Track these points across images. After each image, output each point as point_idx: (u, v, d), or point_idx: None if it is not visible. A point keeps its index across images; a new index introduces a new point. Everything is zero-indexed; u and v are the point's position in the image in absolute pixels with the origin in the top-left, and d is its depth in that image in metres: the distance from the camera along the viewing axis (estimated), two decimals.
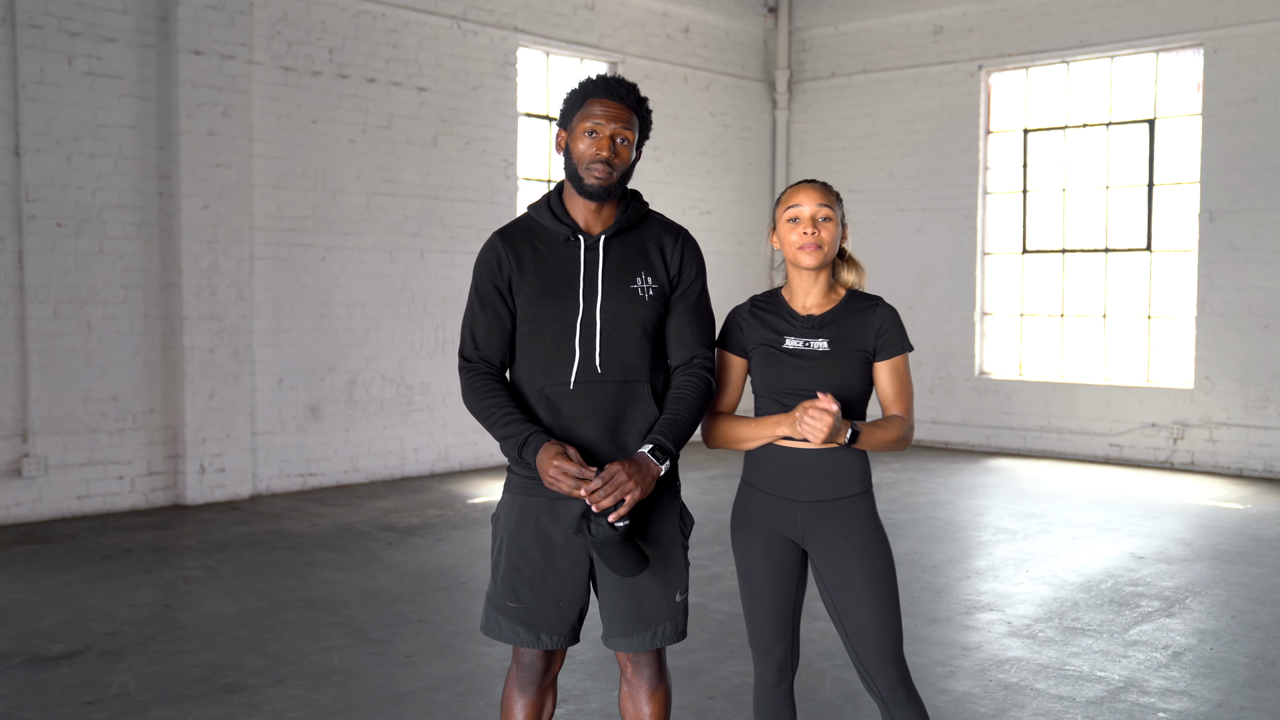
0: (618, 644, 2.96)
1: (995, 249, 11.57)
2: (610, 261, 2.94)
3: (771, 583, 3.01)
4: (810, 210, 2.94)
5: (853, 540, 2.92)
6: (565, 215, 2.95)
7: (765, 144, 12.69)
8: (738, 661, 4.88)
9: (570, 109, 2.96)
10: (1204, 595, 6.01)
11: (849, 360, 2.93)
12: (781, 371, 2.95)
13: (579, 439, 2.88)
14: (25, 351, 7.60)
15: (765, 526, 3.00)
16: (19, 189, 7.55)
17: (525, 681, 3.03)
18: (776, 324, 3.00)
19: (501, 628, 2.97)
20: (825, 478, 2.92)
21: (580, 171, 2.89)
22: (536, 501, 2.93)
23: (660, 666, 3.03)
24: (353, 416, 9.25)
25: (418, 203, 9.60)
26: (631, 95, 2.96)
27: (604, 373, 2.88)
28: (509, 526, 2.97)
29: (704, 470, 10.03)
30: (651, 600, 2.93)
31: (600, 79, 2.96)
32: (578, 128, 2.91)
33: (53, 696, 4.44)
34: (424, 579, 6.26)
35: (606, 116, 2.89)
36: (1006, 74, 11.40)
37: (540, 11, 10.43)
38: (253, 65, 8.57)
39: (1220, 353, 10.04)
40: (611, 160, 2.89)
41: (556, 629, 2.95)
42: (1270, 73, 9.75)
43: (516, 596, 2.94)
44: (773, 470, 2.97)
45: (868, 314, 2.97)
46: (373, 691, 4.52)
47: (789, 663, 3.05)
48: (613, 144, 2.90)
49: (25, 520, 7.59)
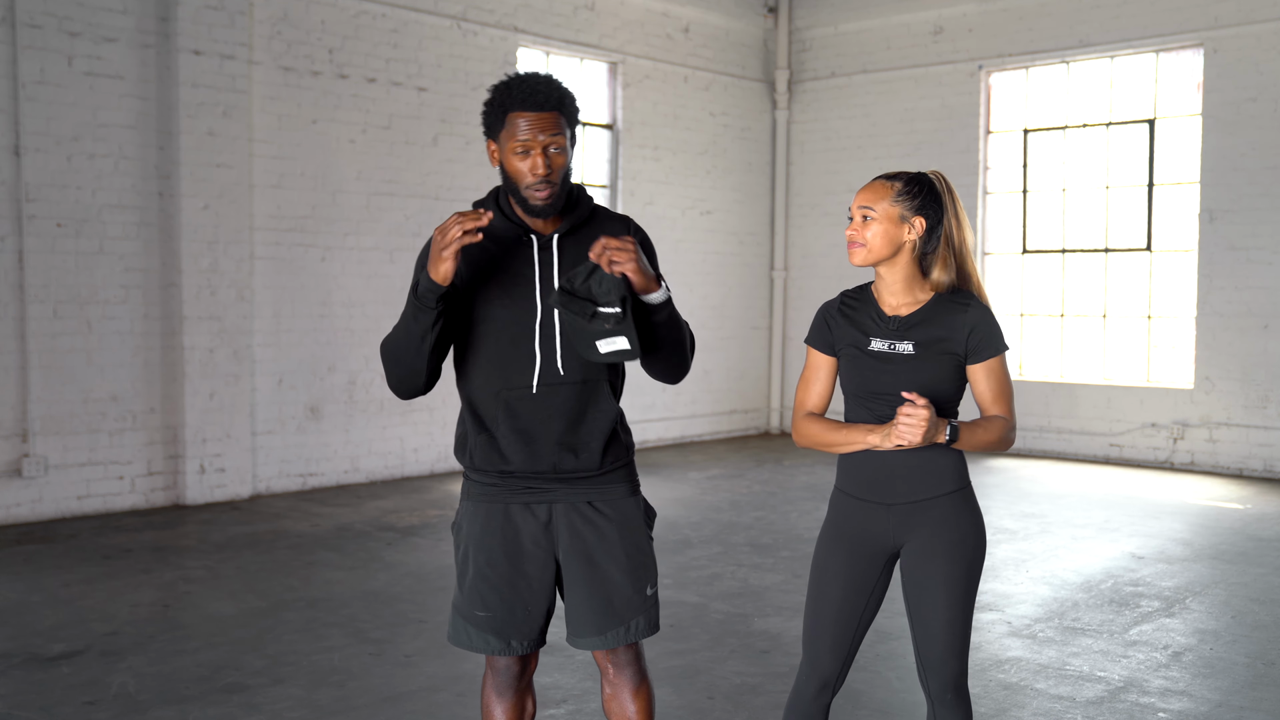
0: (591, 643, 2.92)
1: (995, 249, 11.57)
2: (565, 261, 2.85)
3: (844, 595, 2.92)
4: (854, 209, 2.88)
5: (943, 539, 2.87)
6: (514, 215, 2.87)
7: (765, 144, 12.69)
8: (738, 661, 4.88)
9: (494, 121, 2.81)
10: (1204, 595, 6.02)
11: (936, 363, 2.85)
12: (866, 374, 2.88)
13: (538, 441, 2.84)
14: (25, 351, 7.60)
15: (854, 535, 2.93)
16: (19, 189, 7.55)
17: (502, 686, 3.01)
18: (864, 324, 2.92)
19: (472, 637, 2.93)
20: (918, 478, 2.86)
21: (522, 191, 2.79)
22: (500, 508, 2.90)
23: (641, 664, 3.00)
24: (353, 416, 9.25)
25: (418, 203, 9.60)
26: (553, 96, 2.78)
27: (566, 374, 2.83)
28: (472, 535, 2.93)
29: (704, 470, 10.04)
30: (623, 595, 2.90)
31: (517, 85, 2.78)
32: (506, 145, 2.78)
33: (53, 696, 4.44)
34: (424, 579, 6.26)
35: (533, 129, 2.75)
36: (1006, 74, 11.40)
37: (540, 11, 10.43)
38: (253, 65, 8.56)
39: (1220, 353, 10.04)
40: (549, 177, 2.77)
41: (526, 634, 2.93)
42: (1270, 73, 9.75)
43: (485, 605, 2.90)
44: (866, 476, 2.90)
45: (958, 315, 2.87)
46: (373, 691, 4.52)
47: (834, 680, 2.97)
48: (546, 157, 2.76)
49: (25, 520, 7.59)
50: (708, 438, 12.08)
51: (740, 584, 6.18)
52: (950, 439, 2.78)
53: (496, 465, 2.88)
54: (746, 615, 5.58)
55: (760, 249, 12.69)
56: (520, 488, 2.89)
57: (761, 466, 10.23)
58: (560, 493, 2.89)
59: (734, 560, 6.71)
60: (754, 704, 4.39)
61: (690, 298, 11.50)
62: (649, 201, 11.47)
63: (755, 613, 5.62)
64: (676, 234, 11.73)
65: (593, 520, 2.90)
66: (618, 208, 11.22)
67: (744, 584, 6.17)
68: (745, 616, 5.56)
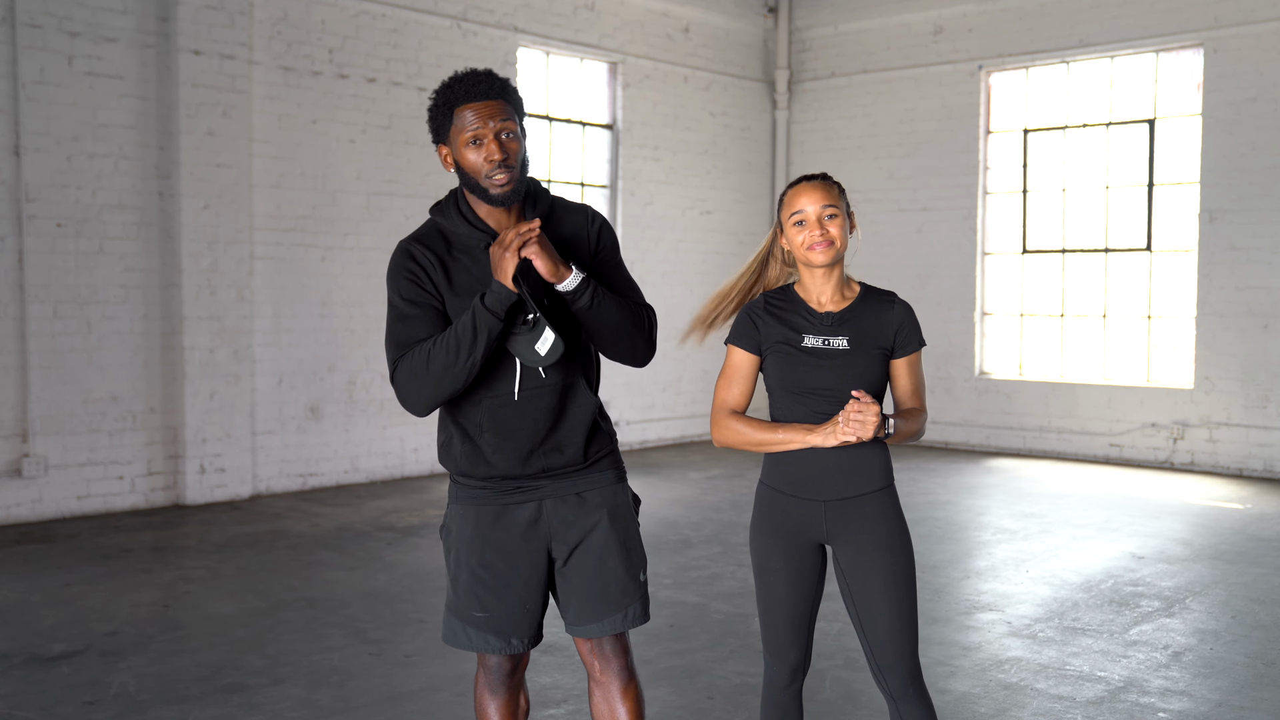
0: (588, 630, 2.91)
1: (995, 249, 11.57)
2: None
3: (791, 587, 2.98)
4: (815, 212, 2.92)
5: (876, 535, 2.91)
6: (478, 220, 2.84)
7: (765, 144, 12.69)
8: (738, 661, 4.88)
9: (441, 123, 2.80)
10: (1204, 595, 6.01)
11: (868, 358, 2.92)
12: (801, 370, 2.93)
13: (524, 445, 2.84)
14: (25, 351, 7.60)
15: (788, 530, 2.97)
16: (19, 189, 7.55)
17: (495, 684, 3.02)
18: (794, 321, 2.97)
19: (471, 637, 2.93)
20: (849, 475, 2.91)
21: (481, 183, 2.76)
22: (489, 510, 2.90)
23: (628, 658, 2.98)
24: (353, 416, 9.25)
25: (418, 203, 9.59)
26: (495, 85, 2.77)
27: (547, 377, 2.84)
28: (463, 537, 2.92)
29: (704, 470, 10.03)
30: (620, 582, 2.91)
31: (458, 82, 2.78)
32: (457, 140, 2.76)
33: (53, 696, 4.44)
34: (424, 579, 6.26)
35: (482, 118, 2.73)
36: (1006, 74, 11.40)
37: (540, 11, 10.43)
38: (253, 65, 8.57)
39: (1220, 353, 10.04)
40: (507, 161, 2.74)
41: (525, 631, 2.94)
42: (1270, 73, 9.75)
43: (483, 606, 2.90)
44: (795, 472, 2.95)
45: (885, 311, 2.97)
46: (373, 691, 4.52)
47: (802, 666, 3.03)
48: (500, 143, 2.74)
49: (25, 520, 7.59)
50: (707, 438, 12.08)
51: (740, 584, 6.17)
52: (890, 432, 2.86)
53: (483, 471, 2.88)
54: (746, 615, 5.58)
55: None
56: (509, 489, 2.89)
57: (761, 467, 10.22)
58: (548, 488, 2.90)
59: (734, 560, 6.70)
60: (754, 704, 4.39)
61: (690, 298, 11.50)
62: (649, 201, 11.47)
63: (755, 613, 5.59)
64: (676, 234, 11.73)
65: (583, 510, 2.91)
66: (618, 208, 11.23)
67: (744, 584, 6.16)
68: (745, 616, 5.56)
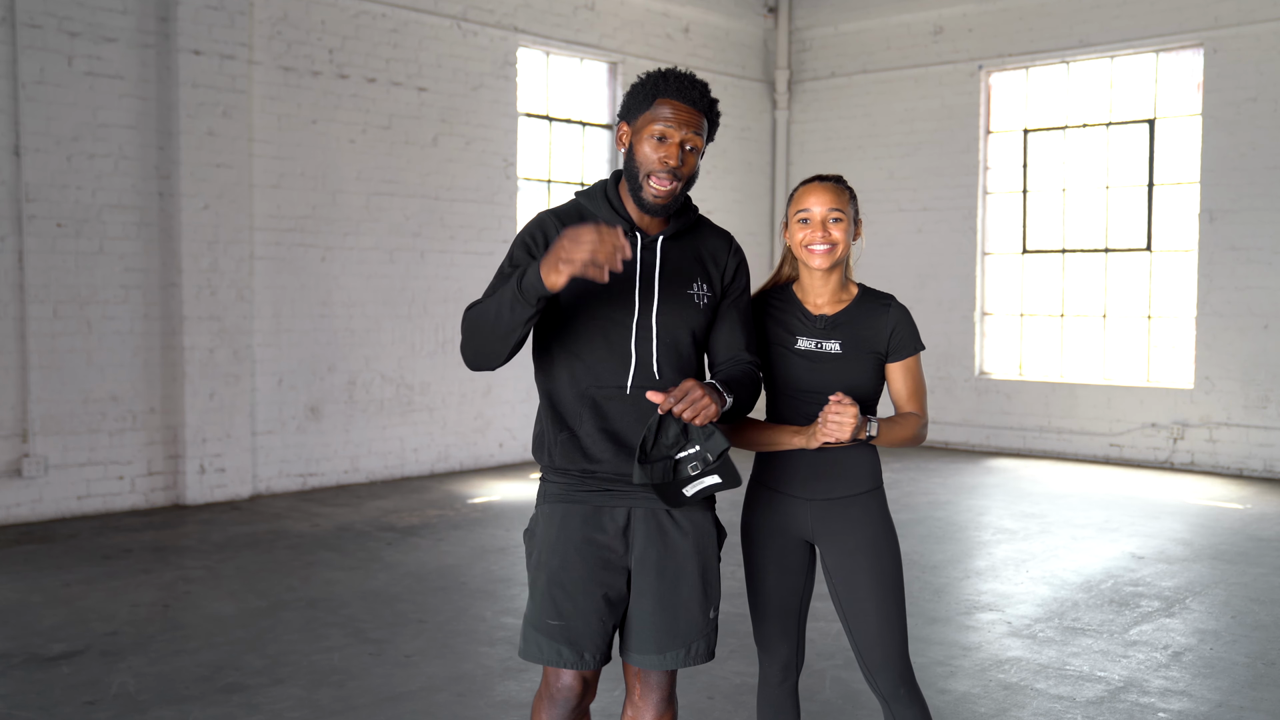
0: (648, 660, 2.76)
1: (995, 249, 11.57)
2: (668, 265, 2.77)
3: (779, 583, 2.99)
4: (821, 213, 2.91)
5: (862, 537, 2.91)
6: (623, 209, 2.77)
7: (765, 144, 12.69)
8: (738, 661, 4.88)
9: (636, 104, 2.72)
10: (1204, 595, 6.01)
11: (861, 362, 2.92)
12: (792, 372, 2.94)
13: (626, 444, 2.71)
14: (25, 351, 7.60)
15: (775, 526, 2.98)
16: (19, 189, 7.55)
17: (559, 714, 2.77)
18: (789, 322, 2.97)
19: (543, 649, 2.73)
20: (836, 476, 2.92)
21: (641, 179, 2.69)
22: (579, 509, 2.74)
23: (671, 689, 2.84)
24: (353, 416, 9.25)
25: (418, 203, 9.60)
26: (705, 99, 2.71)
27: (662, 378, 2.71)
28: (548, 539, 2.76)
29: None
30: (690, 615, 2.76)
31: (674, 76, 2.71)
32: (644, 129, 2.68)
33: (53, 696, 4.44)
34: (424, 579, 6.26)
35: (677, 121, 2.66)
36: (1006, 74, 11.40)
37: (540, 11, 10.43)
38: (253, 65, 8.56)
39: (1220, 353, 10.04)
40: (679, 170, 2.68)
41: (599, 646, 2.74)
42: (1270, 73, 9.75)
43: (559, 613, 2.71)
44: (784, 470, 2.96)
45: (880, 315, 2.96)
46: (373, 691, 4.52)
47: (794, 662, 3.03)
48: (681, 151, 2.67)
49: (25, 520, 7.58)
50: None
51: (739, 584, 6.12)
52: (872, 435, 2.86)
53: (579, 463, 2.74)
54: (746, 615, 5.54)
55: (760, 249, 12.68)
56: (600, 488, 2.74)
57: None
58: (640, 497, 2.74)
59: (734, 560, 6.67)
60: (754, 704, 4.39)
61: None
62: None
63: None
64: None
65: (669, 532, 2.77)
66: None
67: (743, 584, 6.12)
68: (745, 616, 5.52)
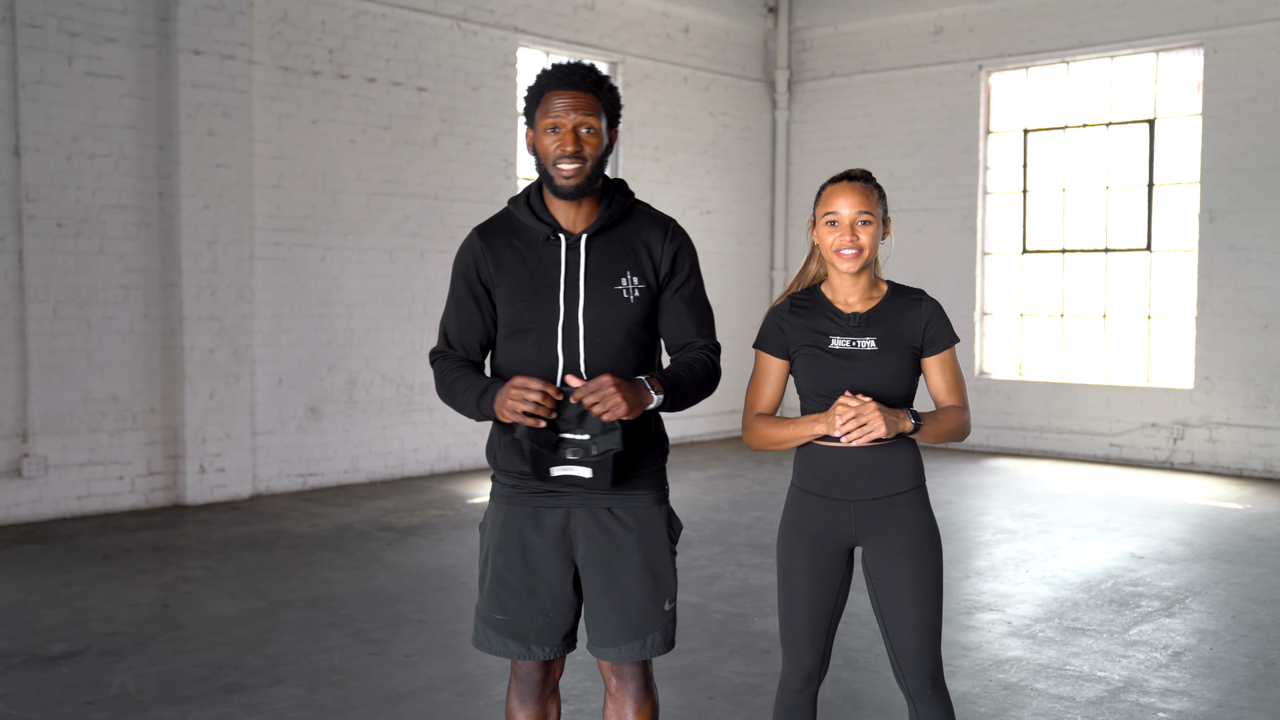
0: (605, 653, 2.85)
1: (995, 249, 11.57)
2: (593, 261, 2.79)
3: (814, 593, 2.95)
4: (850, 216, 2.88)
5: (907, 538, 2.89)
6: (545, 213, 2.81)
7: (765, 144, 12.69)
8: (738, 661, 4.88)
9: (531, 106, 2.79)
10: (1204, 595, 6.01)
11: (897, 358, 2.89)
12: (829, 372, 2.89)
13: None
14: (25, 351, 7.60)
15: (815, 533, 2.94)
16: (19, 189, 7.55)
17: (525, 693, 2.95)
18: (820, 323, 2.94)
19: (491, 640, 2.88)
20: (879, 474, 2.89)
21: (549, 170, 2.75)
22: (520, 511, 2.84)
23: (646, 679, 2.91)
24: (353, 416, 9.25)
25: (418, 203, 9.60)
26: (590, 79, 2.75)
27: (590, 378, 2.75)
28: (494, 537, 2.88)
29: (704, 470, 10.03)
30: (641, 609, 2.83)
31: (556, 69, 2.78)
32: (540, 124, 2.75)
33: (53, 696, 4.44)
34: (424, 579, 6.26)
35: (566, 108, 2.72)
36: (1006, 74, 11.40)
37: (540, 11, 10.43)
38: (253, 65, 8.56)
39: (1220, 353, 10.04)
40: (579, 154, 2.72)
41: (547, 640, 2.87)
42: (1270, 73, 9.75)
43: (503, 609, 2.85)
44: (825, 472, 2.92)
45: (913, 309, 2.94)
46: (373, 691, 4.52)
47: (818, 671, 3.01)
48: (577, 137, 2.72)
49: (25, 520, 7.59)
50: (708, 438, 12.08)
51: (740, 584, 6.18)
52: (915, 428, 2.83)
53: (517, 466, 2.82)
54: (746, 615, 5.58)
55: (760, 249, 12.69)
56: (541, 490, 2.82)
57: (761, 466, 10.23)
58: (579, 497, 2.81)
59: (734, 560, 6.71)
60: (754, 704, 4.39)
61: None
62: (649, 201, 11.45)
63: (755, 613, 5.61)
64: None
65: (610, 528, 2.82)
66: None
67: (744, 584, 6.17)
68: (745, 616, 5.56)
